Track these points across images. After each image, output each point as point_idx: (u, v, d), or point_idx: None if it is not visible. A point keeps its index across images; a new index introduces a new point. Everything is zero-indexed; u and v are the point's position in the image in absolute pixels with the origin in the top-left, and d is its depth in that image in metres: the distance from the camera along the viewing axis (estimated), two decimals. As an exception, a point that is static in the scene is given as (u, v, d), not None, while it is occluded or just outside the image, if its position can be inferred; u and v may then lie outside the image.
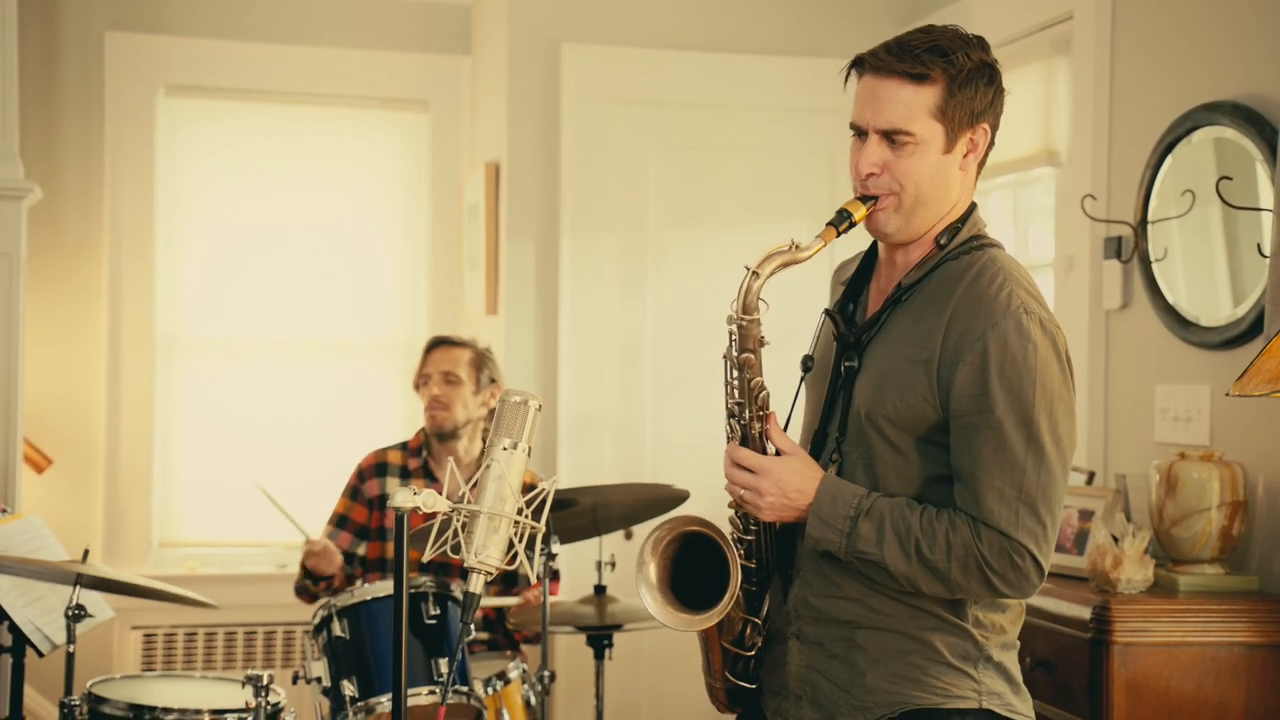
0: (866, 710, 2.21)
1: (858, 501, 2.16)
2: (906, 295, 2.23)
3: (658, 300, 4.79)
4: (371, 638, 3.04)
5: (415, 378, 4.00)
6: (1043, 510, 2.12)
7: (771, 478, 2.19)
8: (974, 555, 2.11)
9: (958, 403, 2.13)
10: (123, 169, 5.19)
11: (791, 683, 2.29)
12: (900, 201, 2.20)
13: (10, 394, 4.23)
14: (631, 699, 4.65)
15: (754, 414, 2.22)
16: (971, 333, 2.13)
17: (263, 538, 5.34)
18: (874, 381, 2.21)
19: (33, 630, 3.49)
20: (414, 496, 1.96)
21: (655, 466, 4.67)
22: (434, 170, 5.48)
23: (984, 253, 2.23)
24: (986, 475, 2.11)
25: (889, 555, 2.13)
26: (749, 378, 2.22)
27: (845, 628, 2.22)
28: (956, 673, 2.19)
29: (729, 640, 2.33)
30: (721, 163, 4.83)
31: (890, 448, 2.20)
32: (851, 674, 2.22)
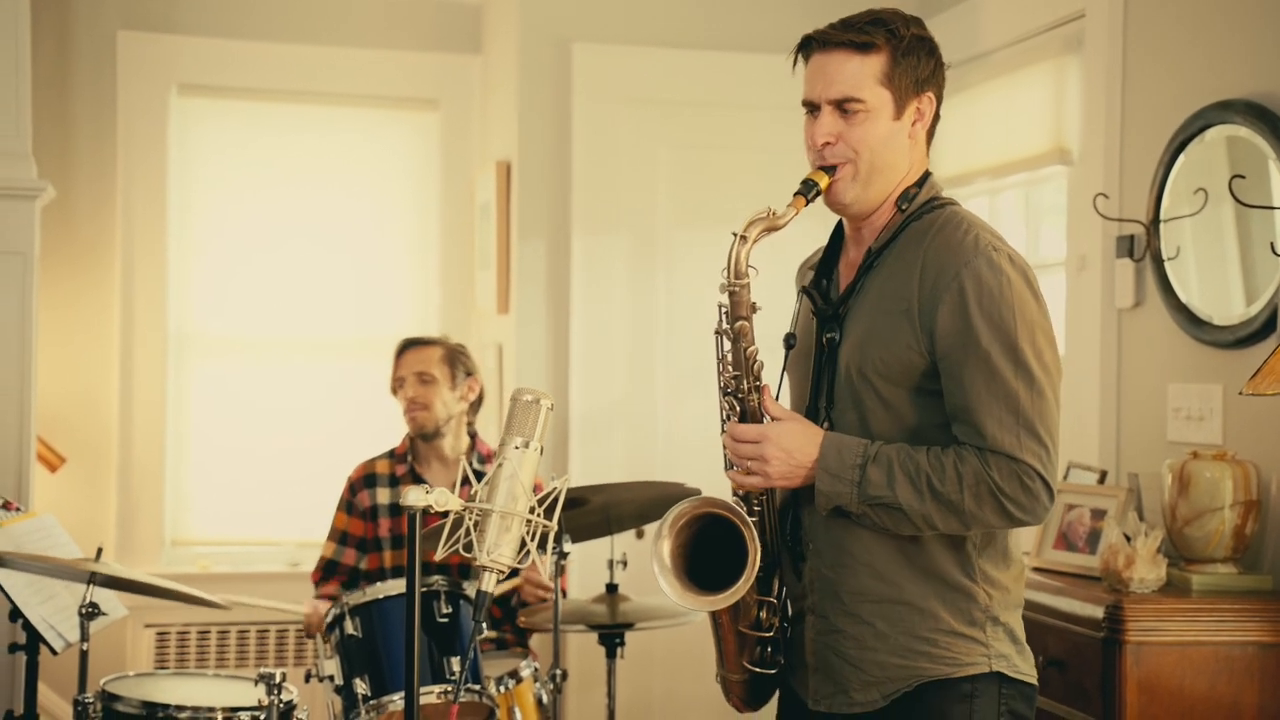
0: (879, 684, 2.25)
1: (863, 450, 2.22)
2: (877, 260, 2.31)
3: (668, 299, 4.79)
4: (384, 636, 3.04)
5: (391, 382, 4.00)
6: (1042, 432, 2.19)
7: (774, 443, 2.24)
8: (985, 482, 2.16)
9: (943, 342, 2.20)
10: (135, 168, 5.21)
11: (807, 655, 2.33)
12: (857, 169, 2.28)
13: (24, 392, 4.24)
14: (643, 698, 4.66)
15: (751, 385, 2.28)
16: (946, 274, 2.20)
17: (275, 536, 5.36)
18: (857, 343, 2.27)
19: (46, 628, 3.50)
20: (426, 495, 1.96)
21: (666, 465, 4.67)
22: (445, 169, 5.49)
23: (945, 210, 2.32)
24: (983, 405, 2.17)
25: (902, 495, 2.18)
26: (744, 347, 2.27)
27: (854, 600, 2.26)
28: (965, 640, 2.23)
29: (746, 625, 2.34)
30: (732, 162, 4.83)
31: (881, 403, 2.26)
32: (861, 649, 2.26)
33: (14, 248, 4.22)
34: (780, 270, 2.60)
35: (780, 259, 2.59)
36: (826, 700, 2.30)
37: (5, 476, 4.19)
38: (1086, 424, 3.81)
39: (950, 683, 2.22)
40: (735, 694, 2.45)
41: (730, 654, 2.40)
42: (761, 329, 2.34)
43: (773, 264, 2.52)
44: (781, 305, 2.46)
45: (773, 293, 2.42)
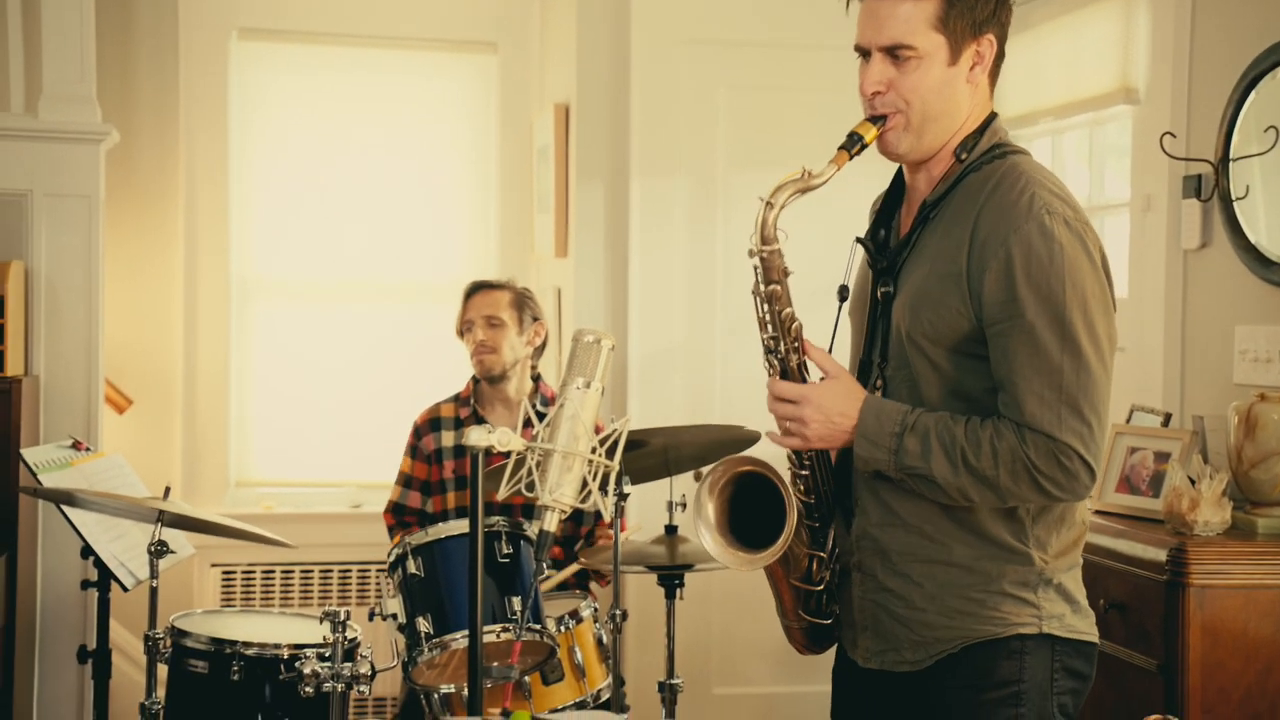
0: (927, 645, 2.23)
1: (901, 418, 2.17)
2: (933, 213, 2.24)
3: (727, 241, 4.76)
4: (445, 576, 3.06)
5: (458, 324, 4.01)
6: (1086, 410, 2.11)
7: (813, 404, 2.19)
8: (1021, 460, 2.10)
9: (989, 311, 2.13)
10: (196, 112, 5.24)
11: (856, 613, 2.31)
12: (908, 119, 2.20)
13: (92, 335, 4.31)
14: (701, 638, 4.68)
15: (789, 346, 2.24)
16: (994, 239, 2.12)
17: (336, 478, 5.42)
18: (909, 302, 2.21)
19: (117, 565, 3.57)
20: (488, 435, 1.97)
21: (725, 407, 4.67)
22: (503, 112, 5.48)
23: (1005, 160, 2.22)
24: (1025, 380, 2.11)
25: (936, 468, 2.13)
26: (779, 309, 2.23)
27: (902, 560, 2.23)
28: (1015, 601, 2.19)
29: (797, 578, 2.33)
30: (791, 103, 4.78)
31: (930, 366, 2.20)
32: (909, 609, 2.23)
33: (79, 191, 4.27)
34: (840, 214, 2.58)
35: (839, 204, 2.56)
36: (877, 658, 2.28)
37: (75, 417, 4.26)
38: (1151, 367, 3.77)
39: (998, 643, 2.19)
40: (797, 640, 2.45)
41: (787, 604, 2.40)
42: (826, 274, 2.31)
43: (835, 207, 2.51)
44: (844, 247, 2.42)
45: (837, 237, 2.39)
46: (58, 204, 4.25)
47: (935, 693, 2.22)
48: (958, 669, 2.20)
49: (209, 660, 3.22)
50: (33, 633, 4.25)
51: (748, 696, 4.77)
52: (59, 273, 4.27)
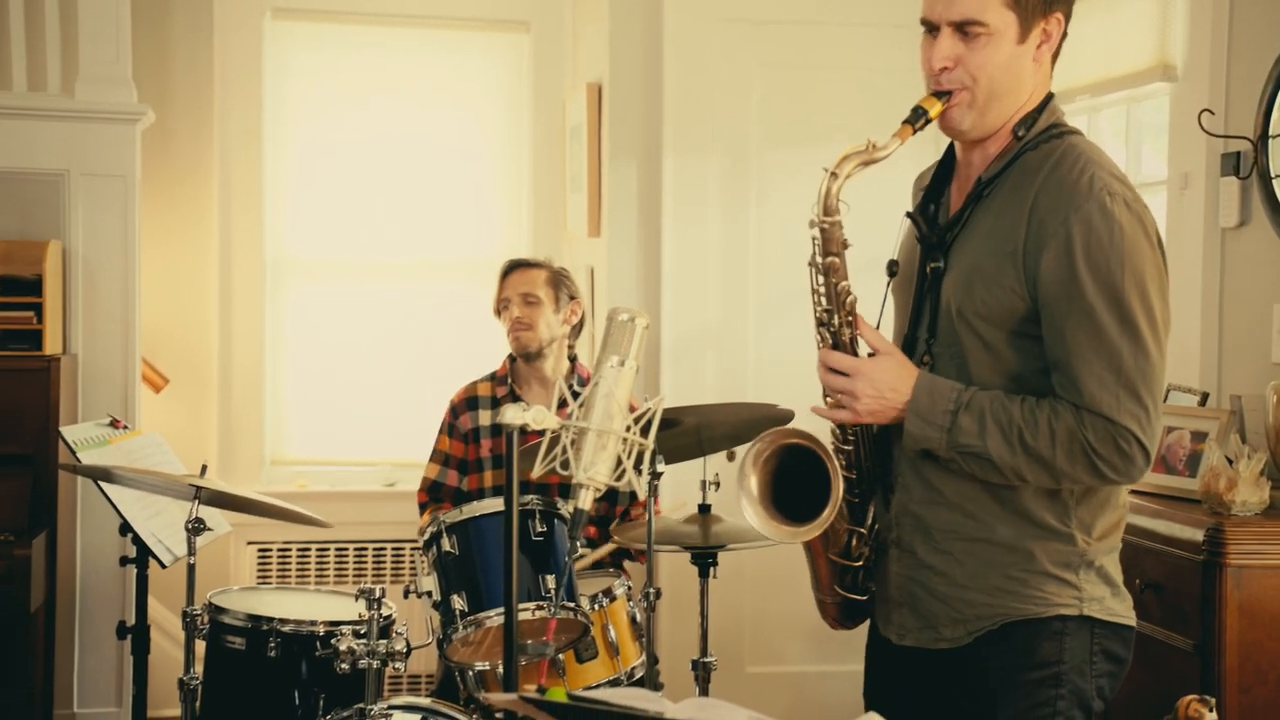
0: (966, 622, 2.22)
1: (956, 395, 2.15)
2: (988, 190, 2.22)
3: (760, 220, 4.75)
4: (480, 553, 3.07)
5: (495, 303, 4.02)
6: (1144, 393, 2.10)
7: (866, 378, 2.18)
8: (1079, 441, 2.09)
9: (1046, 291, 2.11)
10: (231, 92, 5.26)
11: (892, 590, 2.30)
12: (974, 96, 2.18)
13: (129, 314, 4.34)
14: (734, 617, 4.69)
15: (843, 319, 2.23)
16: (1054, 219, 2.10)
17: (371, 456, 5.45)
18: (961, 279, 2.19)
19: (155, 542, 3.60)
20: (523, 413, 1.97)
21: (758, 386, 4.66)
22: (536, 91, 5.48)
23: (1063, 140, 2.20)
24: (1083, 362, 2.09)
25: (993, 446, 2.12)
26: (835, 282, 2.22)
27: (944, 537, 2.22)
28: (1057, 581, 2.18)
29: (835, 553, 2.33)
30: (825, 81, 4.76)
31: (981, 344, 2.18)
32: (950, 586, 2.22)
33: (116, 171, 4.31)
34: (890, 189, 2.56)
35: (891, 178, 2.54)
36: (913, 635, 2.27)
37: (112, 395, 4.30)
38: (1188, 346, 3.74)
39: (1039, 622, 2.18)
40: (830, 614, 2.45)
41: (823, 579, 2.39)
42: (870, 249, 2.30)
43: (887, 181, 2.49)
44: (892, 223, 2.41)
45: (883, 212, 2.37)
46: (94, 184, 4.28)
47: (973, 671, 2.22)
48: (997, 648, 2.19)
49: (246, 637, 3.26)
50: (73, 609, 4.30)
51: (780, 675, 4.78)
52: (96, 252, 4.30)
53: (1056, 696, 2.17)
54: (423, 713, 3.13)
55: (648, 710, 1.36)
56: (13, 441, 3.96)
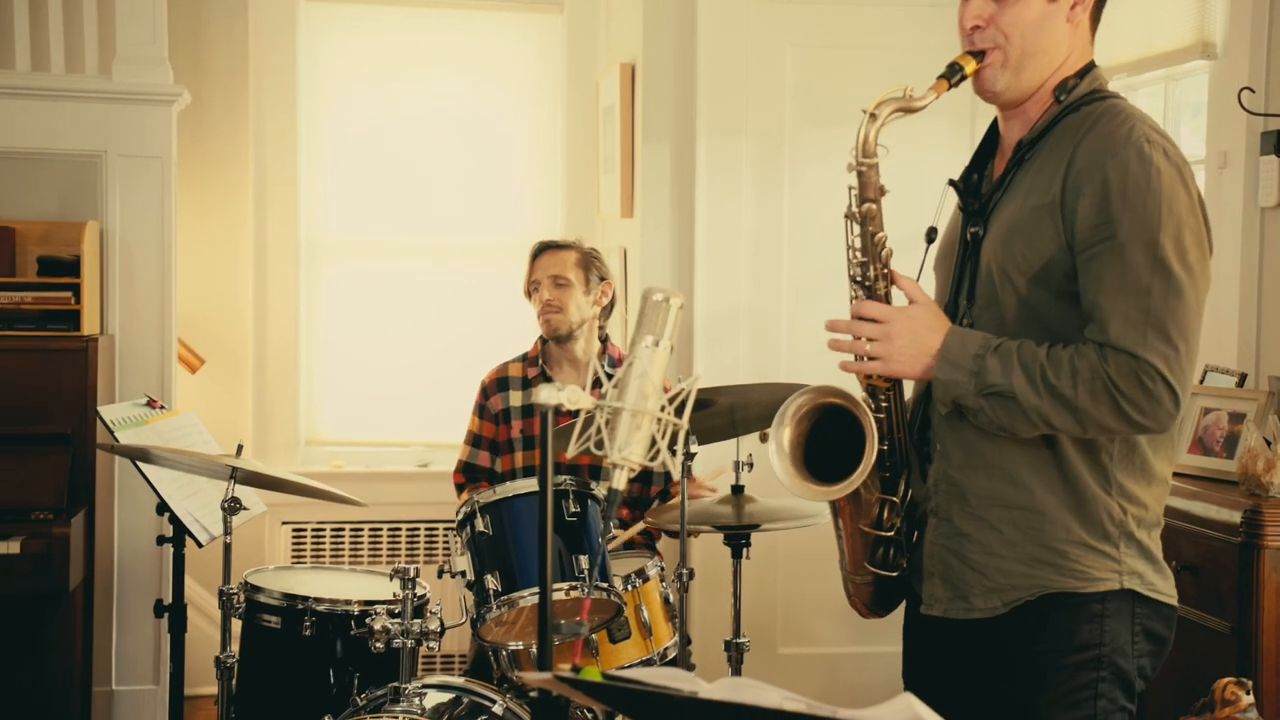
0: (1002, 593, 2.20)
1: (985, 341, 2.14)
2: (1028, 154, 2.21)
3: (793, 201, 4.74)
4: (513, 534, 3.08)
5: (525, 285, 4.02)
6: (1173, 332, 2.06)
7: (899, 324, 2.17)
8: (1101, 378, 2.06)
9: (1081, 235, 2.09)
10: (265, 73, 5.28)
11: (926, 559, 2.29)
12: (1006, 55, 2.18)
13: (165, 295, 4.37)
14: (767, 597, 4.69)
15: (879, 271, 2.21)
16: (1091, 166, 2.09)
17: (404, 437, 5.47)
18: (1000, 237, 2.19)
19: (191, 521, 3.63)
20: (558, 393, 1.97)
21: (791, 367, 4.66)
22: (569, 72, 5.47)
23: (1105, 102, 2.19)
24: (1111, 301, 2.07)
25: (1017, 385, 2.09)
26: (872, 232, 2.21)
27: (982, 503, 2.20)
28: (1096, 554, 2.16)
29: (866, 524, 2.31)
30: (859, 60, 4.73)
31: (1020, 302, 2.17)
32: (985, 555, 2.20)
33: (152, 152, 4.33)
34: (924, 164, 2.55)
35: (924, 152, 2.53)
36: (941, 605, 2.26)
37: (149, 376, 4.33)
38: (1225, 326, 3.71)
39: (1079, 599, 2.16)
40: (859, 598, 2.42)
41: (852, 554, 2.37)
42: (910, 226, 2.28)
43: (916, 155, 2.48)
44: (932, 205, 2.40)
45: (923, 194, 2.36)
46: (131, 165, 4.31)
47: (1012, 653, 2.20)
48: (1035, 628, 2.18)
49: (281, 616, 3.28)
50: (111, 587, 4.34)
51: (813, 656, 4.78)
52: (133, 233, 4.33)
53: (1098, 679, 2.16)
54: (456, 692, 3.14)
55: (682, 690, 1.36)
56: (52, 421, 3.99)
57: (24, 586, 3.77)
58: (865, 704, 1.24)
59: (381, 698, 3.04)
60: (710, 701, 1.32)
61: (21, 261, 4.18)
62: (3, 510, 3.83)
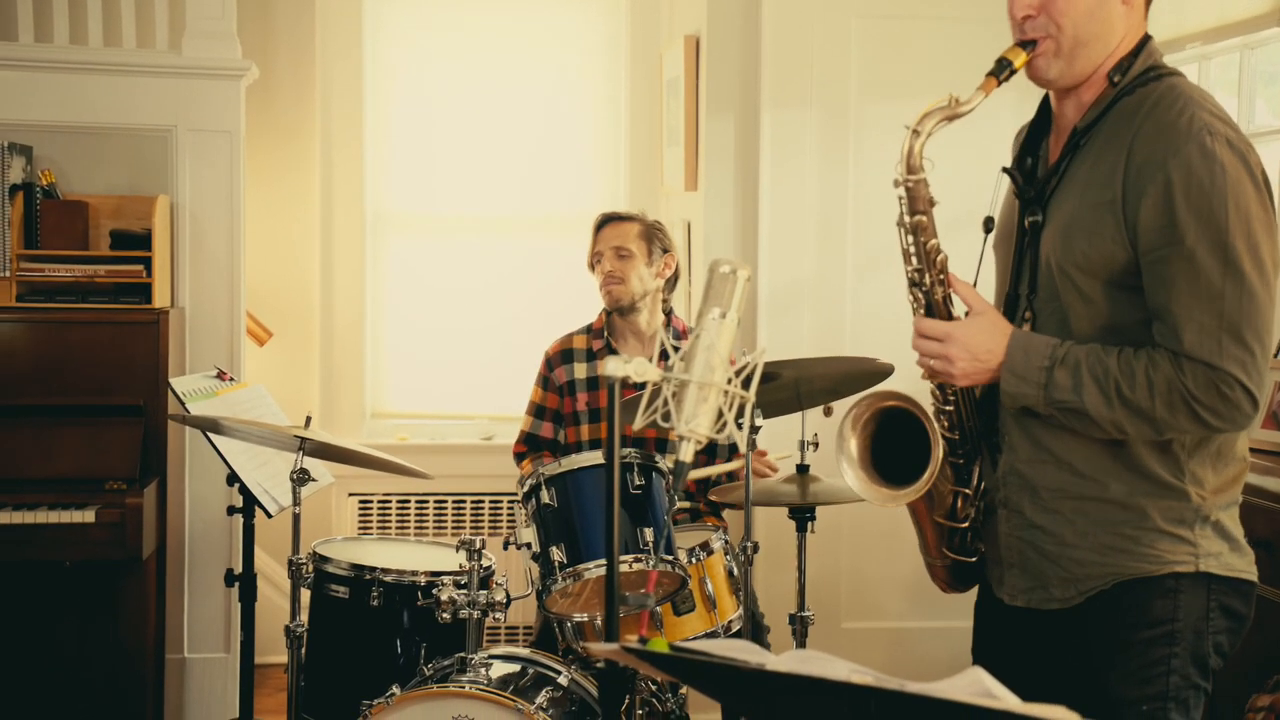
0: (1077, 581, 2.18)
1: (1050, 351, 2.11)
2: (1084, 140, 2.17)
3: (858, 174, 4.70)
4: (578, 506, 3.10)
5: (589, 257, 4.02)
6: (1249, 336, 2.04)
7: (959, 342, 2.15)
8: (1178, 390, 2.04)
9: (1145, 238, 2.05)
10: (332, 48, 5.31)
11: (1002, 550, 2.28)
12: (1059, 44, 2.14)
13: (234, 269, 4.41)
14: (830, 572, 4.68)
15: (934, 279, 2.20)
16: (1152, 163, 2.05)
17: (468, 410, 5.50)
18: (1060, 231, 2.15)
19: (261, 492, 3.67)
20: (625, 365, 1.97)
21: (855, 340, 4.63)
22: (633, 44, 5.46)
23: (1161, 82, 2.14)
24: (1183, 308, 2.04)
25: (1089, 401, 2.07)
26: (924, 241, 2.19)
27: (1053, 496, 2.19)
28: (1171, 538, 2.14)
29: (941, 515, 2.31)
30: (925, 31, 4.68)
31: (1082, 298, 2.14)
32: (1059, 545, 2.19)
33: (221, 126, 4.36)
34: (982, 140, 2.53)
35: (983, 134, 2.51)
36: (1024, 595, 2.25)
37: (218, 348, 4.38)
38: (1300, 301, 3.65)
39: (1152, 580, 2.13)
40: (940, 577, 2.43)
41: (930, 541, 2.37)
42: (965, 204, 2.26)
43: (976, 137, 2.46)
44: (985, 177, 2.38)
45: (977, 165, 2.34)
46: (201, 139, 4.35)
47: (1084, 631, 2.19)
48: (1109, 608, 2.16)
49: (350, 586, 3.32)
50: (182, 557, 4.40)
51: (878, 631, 4.77)
52: (202, 207, 4.37)
53: (1170, 655, 2.13)
54: (522, 663, 3.17)
55: (749, 662, 1.36)
56: (124, 392, 4.05)
57: (99, 555, 3.84)
58: (930, 679, 1.23)
59: (448, 668, 3.07)
60: (778, 673, 1.32)
61: (95, 235, 4.24)
62: (78, 480, 3.90)
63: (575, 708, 3.05)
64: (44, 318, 4.05)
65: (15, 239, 4.08)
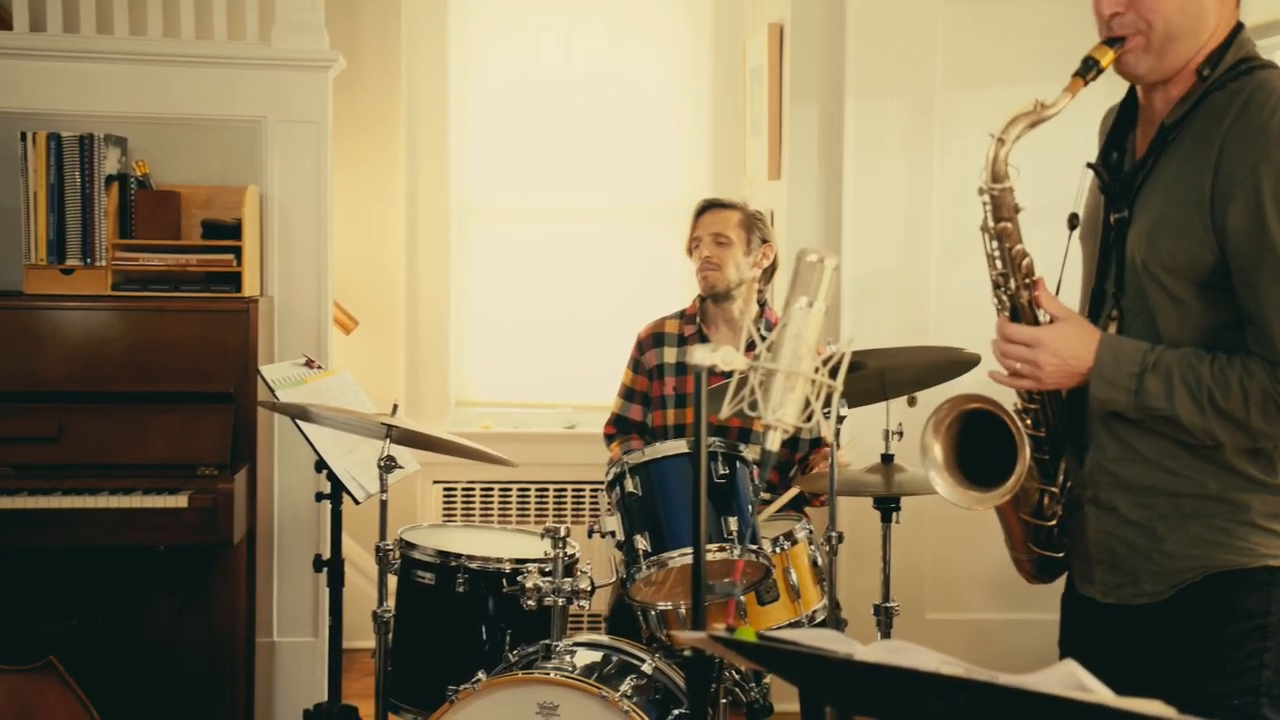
0: (1168, 575, 2.16)
1: (1141, 357, 2.09)
2: (1172, 136, 2.13)
3: (943, 162, 4.67)
4: (663, 495, 3.10)
5: (687, 242, 4.03)
6: None
7: (1047, 348, 2.13)
8: (1274, 400, 2.02)
9: (1235, 244, 2.02)
10: (417, 39, 5.35)
11: (1091, 546, 2.26)
12: (1149, 40, 2.09)
13: (321, 258, 4.46)
14: (914, 562, 4.66)
15: (1020, 283, 2.18)
16: (1241, 168, 2.01)
17: (552, 398, 5.53)
18: (1146, 230, 2.12)
19: (349, 479, 3.71)
20: (712, 354, 1.97)
21: (939, 330, 4.60)
22: (716, 33, 5.45)
23: (1252, 77, 2.09)
24: (1276, 316, 2.01)
25: (1181, 409, 2.06)
26: (1009, 246, 2.17)
27: (1144, 494, 2.17)
28: (1265, 533, 2.11)
29: (1027, 512, 2.30)
30: (1013, 17, 4.63)
31: (1170, 299, 2.11)
32: (1150, 540, 2.17)
33: (309, 117, 4.41)
34: (1067, 130, 2.49)
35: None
36: (1115, 592, 2.23)
37: (306, 336, 4.44)
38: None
39: (1244, 574, 2.11)
40: (1026, 570, 2.42)
41: (1017, 538, 2.37)
42: (1050, 193, 2.23)
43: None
44: (1072, 166, 2.35)
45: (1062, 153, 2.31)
46: (289, 130, 4.40)
47: (1175, 625, 2.16)
48: (1200, 601, 2.14)
49: (436, 572, 3.35)
50: (271, 542, 4.47)
51: (962, 622, 4.73)
52: (290, 197, 4.42)
53: (1263, 649, 2.10)
54: (605, 650, 3.18)
55: (837, 651, 1.36)
56: (215, 380, 4.12)
57: (191, 539, 3.90)
58: (1016, 672, 1.22)
59: (533, 654, 3.09)
60: (866, 664, 1.32)
61: (187, 225, 4.31)
62: (170, 466, 3.97)
63: (659, 695, 3.06)
64: (138, 306, 4.12)
65: (111, 229, 4.16)
